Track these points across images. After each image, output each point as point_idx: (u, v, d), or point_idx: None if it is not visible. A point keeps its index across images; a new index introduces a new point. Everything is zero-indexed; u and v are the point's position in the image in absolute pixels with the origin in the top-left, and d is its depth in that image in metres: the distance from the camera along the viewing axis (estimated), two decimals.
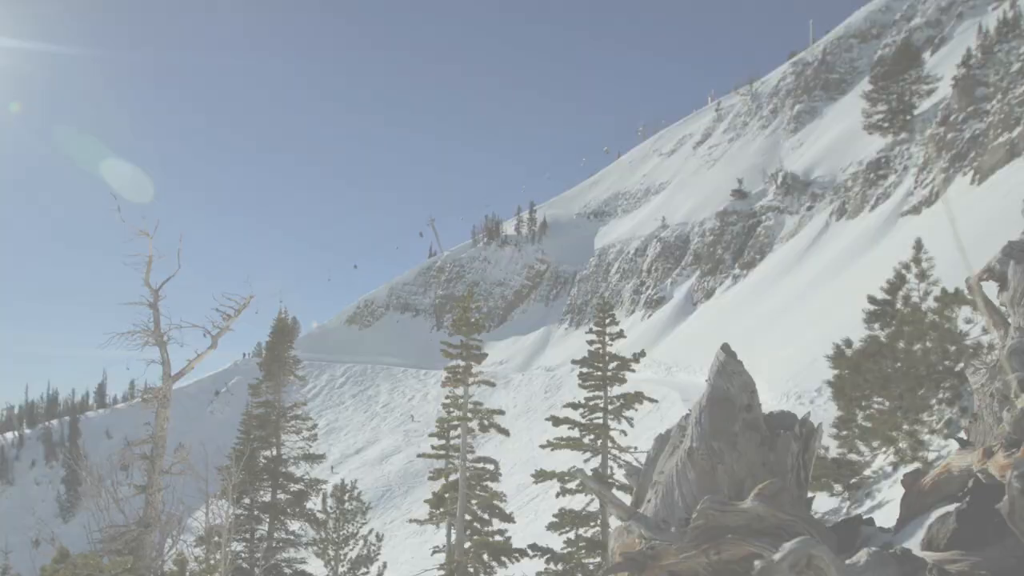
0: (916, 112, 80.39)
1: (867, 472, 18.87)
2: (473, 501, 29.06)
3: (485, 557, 27.75)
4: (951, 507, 6.75)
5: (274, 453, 34.35)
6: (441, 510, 30.90)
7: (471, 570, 27.70)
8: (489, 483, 29.51)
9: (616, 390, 26.31)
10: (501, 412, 30.13)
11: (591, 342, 26.41)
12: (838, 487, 18.91)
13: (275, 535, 33.69)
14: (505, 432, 30.29)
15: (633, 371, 26.50)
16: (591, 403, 26.06)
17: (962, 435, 7.94)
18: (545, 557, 24.86)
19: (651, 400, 26.98)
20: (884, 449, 18.33)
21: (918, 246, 18.20)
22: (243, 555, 32.71)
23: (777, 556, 5.54)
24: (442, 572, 29.08)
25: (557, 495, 26.08)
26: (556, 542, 25.94)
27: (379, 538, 33.51)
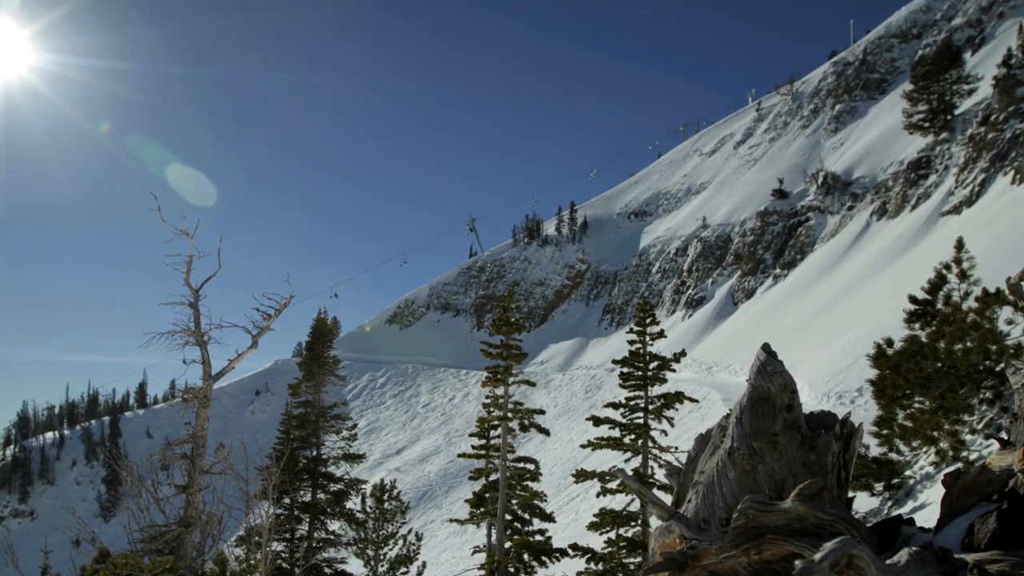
0: (957, 112, 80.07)
1: (908, 472, 18.71)
2: (513, 501, 29.02)
3: (525, 557, 27.73)
4: (991, 507, 6.68)
5: (314, 453, 34.49)
6: (481, 510, 30.85)
7: (511, 570, 27.68)
8: (529, 483, 29.46)
9: (657, 390, 26.21)
10: (541, 412, 30.01)
11: (631, 342, 26.28)
12: (879, 487, 18.75)
13: (315, 535, 33.82)
14: (545, 432, 30.17)
15: (674, 371, 26.37)
16: (632, 403, 25.94)
17: (1003, 435, 7.83)
18: (586, 557, 24.79)
19: (692, 400, 26.82)
20: (925, 449, 18.20)
21: (959, 246, 18.05)
22: (283, 555, 32.87)
23: (818, 556, 5.49)
24: (482, 572, 29.05)
25: (597, 495, 25.99)
26: (597, 542, 25.88)
27: (419, 537, 33.56)
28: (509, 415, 28.98)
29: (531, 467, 29.64)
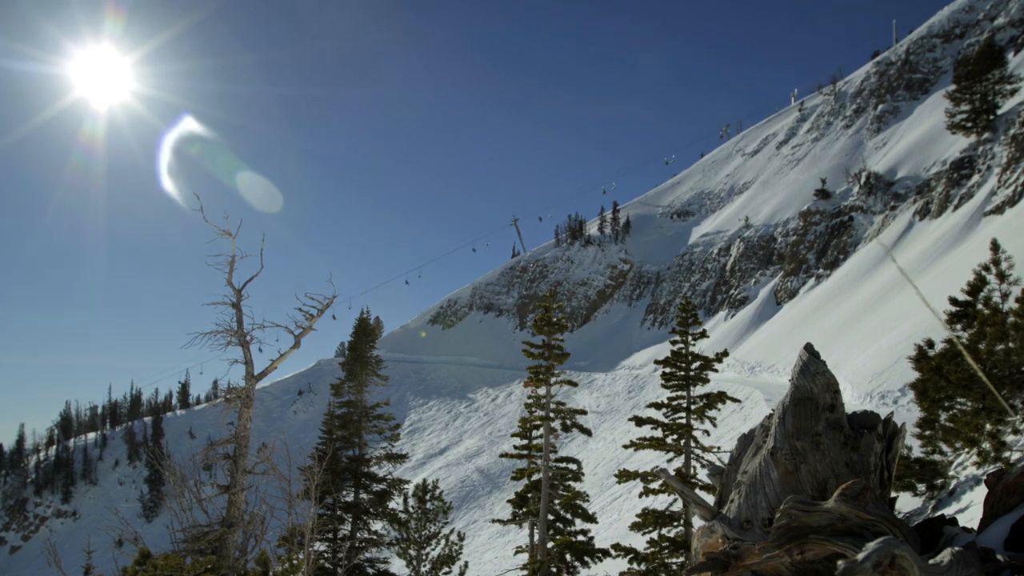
0: (1000, 112, 79.79)
1: (950, 473, 18.57)
2: (556, 501, 28.97)
3: (568, 557, 27.70)
4: None
5: (357, 453, 34.53)
6: (524, 510, 30.80)
7: (554, 570, 27.65)
8: (572, 483, 29.42)
9: (699, 390, 26.15)
10: (583, 412, 29.97)
11: (674, 342, 26.22)
12: (921, 487, 18.61)
13: (357, 535, 33.86)
14: (587, 432, 30.09)
15: (716, 371, 26.23)
16: (674, 403, 25.87)
17: None
18: (628, 557, 24.73)
19: (734, 400, 26.67)
20: (967, 450, 18.05)
21: (995, 247, 17.91)
22: (326, 555, 32.96)
23: (861, 556, 5.46)
24: (525, 572, 29.03)
25: (640, 495, 25.92)
26: (639, 542, 25.84)
27: (461, 538, 33.50)
28: (551, 415, 28.96)
29: (573, 467, 29.59)
